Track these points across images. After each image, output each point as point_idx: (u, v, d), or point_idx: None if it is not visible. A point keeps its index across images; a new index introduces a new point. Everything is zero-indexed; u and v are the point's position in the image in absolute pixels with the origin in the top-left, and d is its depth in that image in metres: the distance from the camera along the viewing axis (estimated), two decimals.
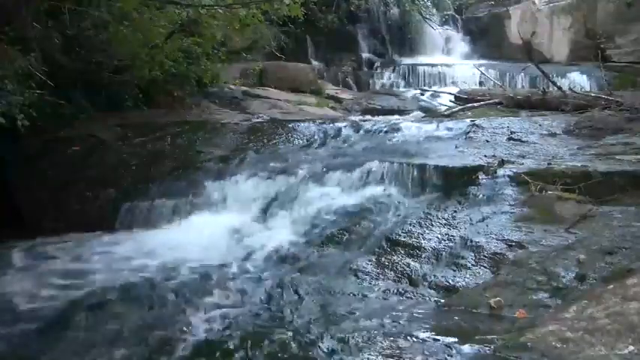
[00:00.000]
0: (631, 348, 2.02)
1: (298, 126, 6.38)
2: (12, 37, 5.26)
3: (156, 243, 4.54)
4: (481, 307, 2.99)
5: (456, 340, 2.61)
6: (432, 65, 11.33)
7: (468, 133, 5.84)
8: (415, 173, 4.73)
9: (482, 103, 8.26)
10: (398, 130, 6.17)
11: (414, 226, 4.03)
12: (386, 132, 6.17)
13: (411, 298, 3.39)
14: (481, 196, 4.28)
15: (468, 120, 6.42)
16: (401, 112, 8.76)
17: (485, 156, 4.95)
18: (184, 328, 3.14)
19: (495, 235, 3.71)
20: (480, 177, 4.47)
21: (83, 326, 3.28)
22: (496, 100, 8.29)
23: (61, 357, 3.02)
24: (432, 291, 3.42)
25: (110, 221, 5.05)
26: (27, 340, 3.16)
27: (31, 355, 3.05)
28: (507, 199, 4.18)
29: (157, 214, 5.06)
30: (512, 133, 5.76)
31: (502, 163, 4.65)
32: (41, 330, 3.26)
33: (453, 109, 8.09)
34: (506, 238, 3.65)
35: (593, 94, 7.53)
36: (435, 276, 3.52)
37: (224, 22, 7.60)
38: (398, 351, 2.57)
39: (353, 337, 2.76)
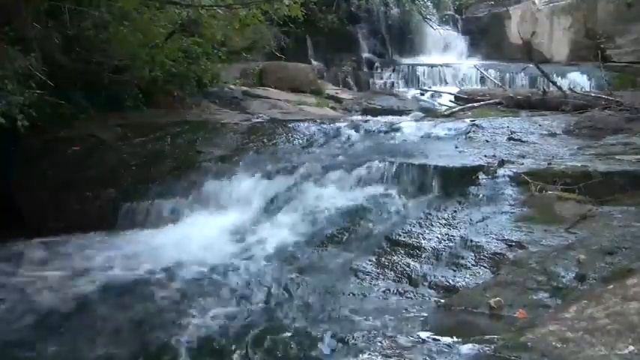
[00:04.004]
0: (631, 348, 2.02)
1: (298, 126, 6.38)
2: (12, 37, 5.25)
3: (156, 243, 4.54)
4: (481, 307, 2.99)
5: (456, 340, 2.61)
6: (432, 65, 11.32)
7: (468, 133, 5.85)
8: (415, 173, 4.73)
9: (482, 103, 8.26)
10: (398, 130, 6.17)
11: (414, 226, 4.04)
12: (386, 132, 6.17)
13: (411, 298, 3.39)
14: (481, 196, 4.29)
15: (468, 120, 6.42)
16: (401, 112, 8.75)
17: (486, 156, 4.95)
18: (184, 328, 3.14)
19: (495, 235, 3.71)
20: (480, 177, 4.47)
21: (83, 326, 3.29)
22: (496, 100, 8.29)
23: (61, 357, 3.02)
24: (432, 291, 3.42)
25: (110, 221, 5.05)
26: (26, 339, 3.16)
27: (31, 355, 3.05)
28: (507, 199, 4.18)
29: (157, 214, 5.06)
30: (512, 133, 5.76)
31: (502, 163, 4.65)
32: (40, 330, 3.26)
33: (453, 109, 8.09)
34: (506, 238, 3.65)
35: (593, 94, 7.52)
36: (435, 276, 3.52)
37: (224, 22, 7.60)
38: (398, 351, 2.57)
39: (353, 337, 2.76)
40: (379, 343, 2.66)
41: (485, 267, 3.48)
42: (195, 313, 3.35)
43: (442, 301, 3.27)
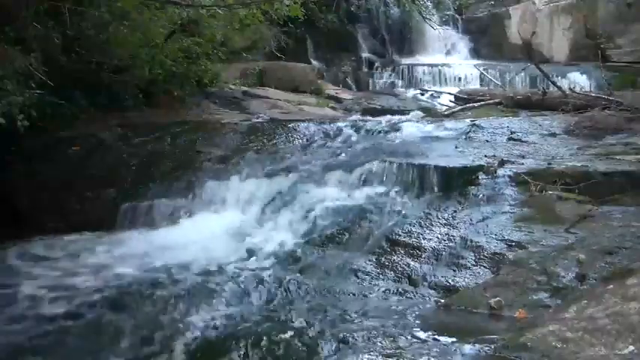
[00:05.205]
0: (631, 348, 2.02)
1: (298, 126, 6.37)
2: (12, 37, 5.25)
3: (156, 243, 4.54)
4: (481, 307, 3.00)
5: (456, 340, 2.61)
6: (432, 65, 11.31)
7: (468, 133, 5.84)
8: (415, 173, 4.73)
9: (482, 103, 8.25)
10: (398, 130, 6.16)
11: (414, 226, 4.03)
12: (386, 132, 6.16)
13: (411, 298, 3.39)
14: (481, 196, 4.28)
15: (468, 120, 6.42)
16: (401, 112, 8.73)
17: (486, 156, 4.94)
18: (184, 328, 3.14)
19: (495, 235, 3.71)
20: (479, 177, 4.47)
21: (83, 326, 3.29)
22: (496, 100, 8.28)
23: (62, 357, 3.02)
24: (432, 291, 3.42)
25: (110, 221, 5.05)
26: (27, 339, 3.16)
27: (32, 355, 3.05)
28: (507, 199, 4.18)
29: (157, 214, 5.06)
30: (512, 133, 5.76)
31: (502, 163, 4.65)
32: (41, 330, 3.26)
33: (453, 109, 8.08)
34: (506, 238, 3.65)
35: (593, 94, 7.51)
36: (435, 276, 3.52)
37: (224, 22, 7.60)
38: (398, 351, 2.57)
39: (353, 337, 2.76)
40: (379, 343, 2.66)
41: (485, 267, 3.48)
42: (195, 313, 3.35)
43: (442, 301, 3.27)
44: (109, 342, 3.08)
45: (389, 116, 7.67)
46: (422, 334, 2.73)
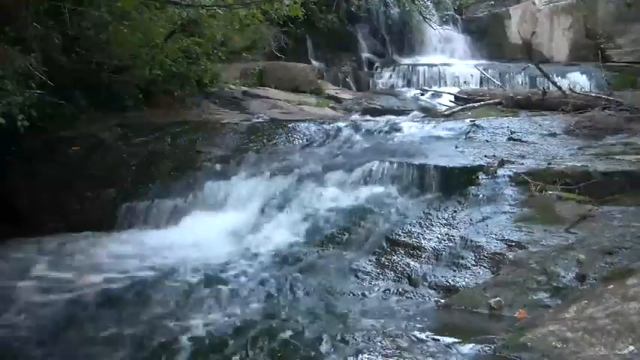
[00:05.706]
0: (631, 348, 2.02)
1: (298, 126, 6.38)
2: (12, 37, 5.25)
3: (155, 243, 4.54)
4: (481, 307, 3.00)
5: (456, 340, 2.61)
6: (432, 65, 11.31)
7: (468, 133, 5.85)
8: (415, 173, 4.74)
9: (482, 103, 8.25)
10: (398, 130, 6.17)
11: (414, 226, 4.04)
12: (386, 132, 6.17)
13: (411, 298, 3.39)
14: (481, 196, 4.29)
15: (468, 120, 6.42)
16: (401, 112, 8.74)
17: (486, 156, 4.95)
18: (184, 328, 3.14)
19: (495, 235, 3.71)
20: (479, 177, 4.47)
21: (83, 326, 3.29)
22: (496, 100, 8.28)
23: (60, 357, 3.02)
24: (432, 291, 3.42)
25: (110, 221, 5.05)
26: (26, 340, 3.16)
27: (31, 356, 3.05)
28: (507, 199, 4.18)
29: (157, 214, 5.06)
30: (512, 133, 5.76)
31: (502, 163, 4.65)
32: (40, 330, 3.25)
33: (453, 109, 8.08)
34: (506, 238, 3.65)
35: (593, 94, 7.51)
36: (435, 276, 3.52)
37: (224, 22, 7.61)
38: (398, 351, 2.57)
39: (353, 337, 2.76)
40: (379, 343, 2.66)
41: (485, 267, 3.48)
42: (195, 313, 3.35)
43: (442, 301, 3.27)
44: (109, 342, 3.08)
45: (389, 116, 7.69)
46: (422, 334, 2.73)
